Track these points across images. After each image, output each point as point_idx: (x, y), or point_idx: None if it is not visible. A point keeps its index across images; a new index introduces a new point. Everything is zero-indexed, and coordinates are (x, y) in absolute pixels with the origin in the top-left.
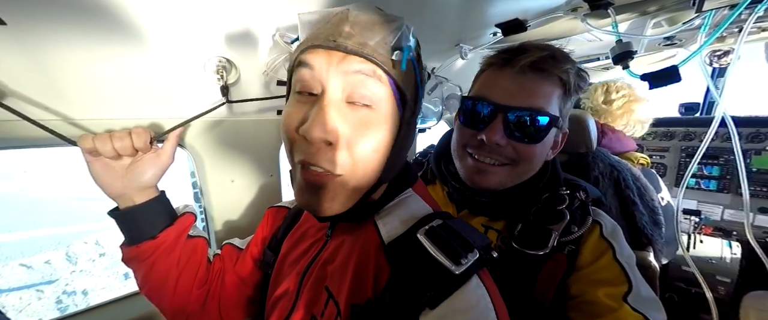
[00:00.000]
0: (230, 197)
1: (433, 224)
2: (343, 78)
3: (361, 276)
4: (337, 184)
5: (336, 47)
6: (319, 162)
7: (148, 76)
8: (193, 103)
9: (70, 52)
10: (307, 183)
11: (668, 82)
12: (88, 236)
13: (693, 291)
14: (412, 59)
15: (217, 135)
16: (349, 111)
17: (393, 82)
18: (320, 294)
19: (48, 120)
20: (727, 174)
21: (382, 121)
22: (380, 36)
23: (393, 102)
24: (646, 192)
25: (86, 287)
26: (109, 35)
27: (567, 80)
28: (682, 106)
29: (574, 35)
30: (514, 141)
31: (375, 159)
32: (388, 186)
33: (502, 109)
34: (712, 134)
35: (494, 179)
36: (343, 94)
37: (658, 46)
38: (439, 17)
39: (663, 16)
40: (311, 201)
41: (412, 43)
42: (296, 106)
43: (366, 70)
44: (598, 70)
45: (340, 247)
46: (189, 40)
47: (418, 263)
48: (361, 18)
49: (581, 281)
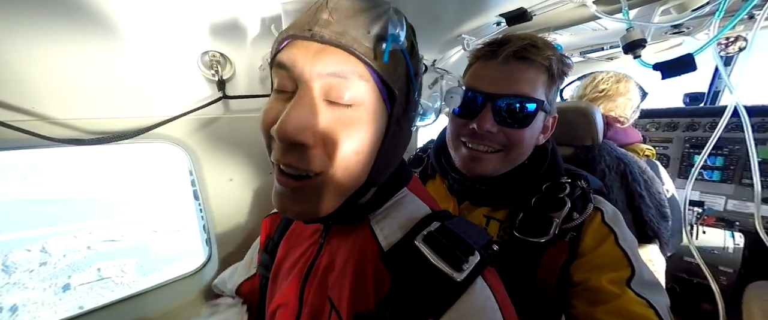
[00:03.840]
0: (229, 196)
1: (431, 228)
2: (319, 75)
3: (360, 284)
4: (313, 186)
5: (311, 37)
6: (292, 162)
7: (135, 73)
8: (186, 100)
9: (49, 49)
10: (281, 185)
11: (682, 71)
12: (34, 243)
13: (695, 281)
14: (402, 49)
15: (214, 132)
16: (327, 109)
17: (377, 77)
18: (324, 305)
19: (24, 121)
20: (731, 164)
21: (364, 120)
22: (362, 23)
23: (378, 98)
24: (652, 184)
25: (16, 302)
26: (92, 30)
27: (550, 66)
28: (687, 95)
29: (580, 24)
30: (504, 127)
31: (357, 160)
32: (380, 189)
33: (490, 98)
34: (724, 123)
35: (488, 166)
36: (319, 91)
37: (665, 33)
38: (440, 6)
39: (672, 3)
40: (287, 204)
41: (402, 31)
42: (273, 104)
43: (344, 67)
44: (601, 60)
45: (337, 253)
46: (178, 34)
47: (418, 272)
48: (342, 4)
49: (583, 267)
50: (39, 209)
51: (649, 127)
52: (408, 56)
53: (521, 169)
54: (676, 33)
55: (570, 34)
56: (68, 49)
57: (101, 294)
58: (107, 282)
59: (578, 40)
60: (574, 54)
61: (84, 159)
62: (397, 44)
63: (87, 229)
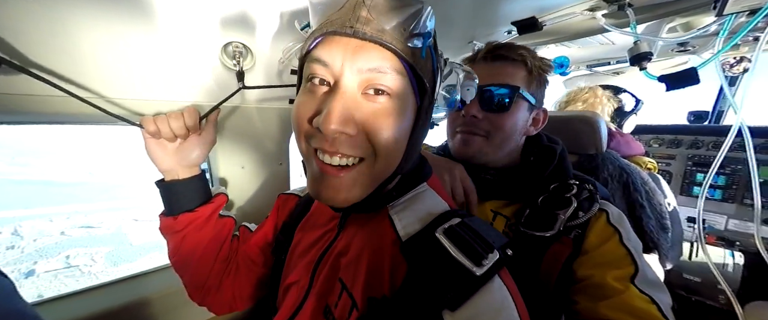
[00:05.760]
0: (240, 183)
1: (452, 223)
2: (360, 71)
3: (376, 271)
4: (355, 173)
5: (353, 34)
6: (339, 149)
7: (160, 58)
8: (204, 88)
9: (96, 31)
10: (322, 172)
11: (686, 84)
12: (5, 225)
13: (693, 299)
14: (429, 46)
15: (229, 121)
16: (367, 102)
17: (411, 71)
18: (334, 286)
19: (90, 98)
20: (734, 184)
21: (399, 110)
22: (399, 21)
23: (411, 91)
24: (654, 196)
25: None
26: (123, 12)
27: (525, 61)
28: (690, 113)
29: (589, 36)
30: (488, 113)
31: (396, 148)
32: (402, 177)
33: (477, 89)
34: (729, 144)
35: (474, 146)
36: (359, 85)
37: (671, 51)
38: (453, 11)
39: (679, 21)
40: (326, 191)
41: (432, 28)
42: (308, 96)
43: (383, 63)
44: (608, 74)
45: (353, 240)
46: (206, 23)
47: (437, 263)
48: (379, 2)
49: (587, 264)
50: (12, 191)
51: (652, 142)
52: (434, 51)
53: (527, 164)
54: (682, 51)
55: (578, 47)
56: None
57: (64, 283)
58: (73, 270)
59: (586, 53)
60: (581, 67)
61: (77, 140)
62: (430, 39)
63: (65, 214)
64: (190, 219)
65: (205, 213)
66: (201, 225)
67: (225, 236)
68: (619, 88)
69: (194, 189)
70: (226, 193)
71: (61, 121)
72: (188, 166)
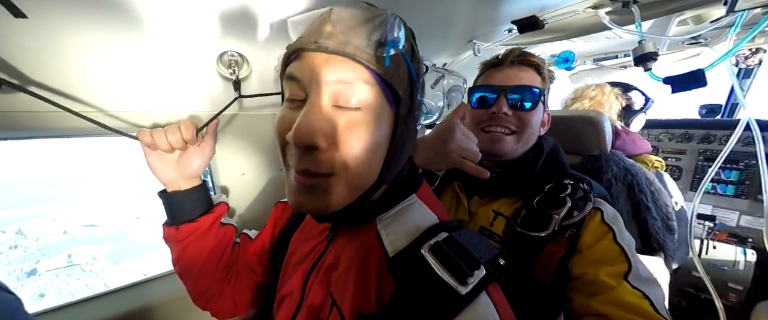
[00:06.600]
0: (240, 190)
1: (438, 239)
2: (327, 83)
3: (363, 286)
4: (328, 184)
5: (317, 49)
6: (308, 166)
7: (156, 69)
8: (201, 98)
9: (91, 44)
10: (298, 183)
11: (692, 86)
12: (9, 224)
13: (702, 297)
14: (403, 53)
15: (229, 129)
16: (336, 113)
17: (381, 80)
18: (325, 300)
19: (86, 111)
20: (747, 179)
21: (372, 120)
22: (363, 32)
23: (383, 101)
24: (659, 196)
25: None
26: (119, 26)
27: (540, 70)
28: (703, 107)
29: (592, 33)
30: (516, 111)
31: (369, 158)
32: (389, 187)
33: (504, 90)
34: (735, 138)
35: (508, 145)
36: (328, 99)
37: (682, 43)
38: (452, 11)
39: (689, 14)
40: (303, 200)
41: (401, 34)
42: (286, 112)
43: (349, 73)
44: (615, 67)
45: (343, 254)
46: (201, 33)
47: (423, 281)
48: (343, 16)
49: (582, 262)
50: (17, 190)
51: (662, 137)
52: (409, 58)
53: (526, 159)
54: (694, 43)
55: (583, 41)
56: (97, 42)
57: (66, 282)
58: (75, 269)
59: (592, 47)
60: (587, 61)
61: (75, 145)
62: (397, 48)
63: (68, 213)
64: (191, 229)
65: (206, 223)
66: (202, 235)
67: (226, 244)
68: (630, 86)
69: (195, 200)
70: (228, 202)
71: (59, 135)
72: (189, 177)
